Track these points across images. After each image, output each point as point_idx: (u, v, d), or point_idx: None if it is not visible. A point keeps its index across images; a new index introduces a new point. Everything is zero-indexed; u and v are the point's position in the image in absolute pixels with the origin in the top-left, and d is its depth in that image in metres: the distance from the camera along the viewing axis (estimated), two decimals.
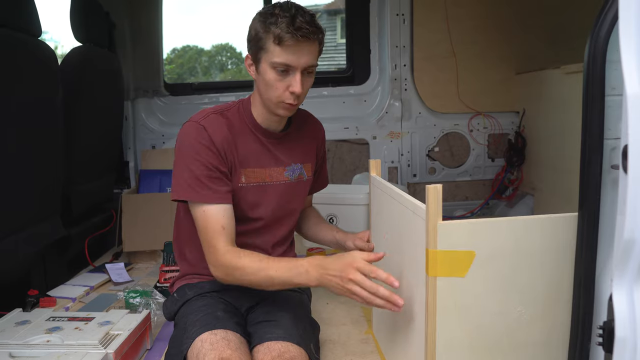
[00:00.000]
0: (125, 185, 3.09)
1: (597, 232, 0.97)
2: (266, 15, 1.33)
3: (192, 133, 1.37)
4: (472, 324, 1.07)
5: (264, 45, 1.33)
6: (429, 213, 1.02)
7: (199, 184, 1.34)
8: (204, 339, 1.26)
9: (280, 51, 1.31)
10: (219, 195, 1.35)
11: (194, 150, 1.35)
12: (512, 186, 3.22)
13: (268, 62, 1.34)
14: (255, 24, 1.36)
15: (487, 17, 3.09)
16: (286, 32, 1.29)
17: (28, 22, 1.87)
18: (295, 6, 1.33)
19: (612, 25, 0.91)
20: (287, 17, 1.29)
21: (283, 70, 1.33)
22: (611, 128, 0.94)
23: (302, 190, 1.58)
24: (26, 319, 1.58)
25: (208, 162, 1.35)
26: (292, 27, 1.29)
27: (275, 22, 1.30)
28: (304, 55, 1.33)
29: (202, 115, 1.42)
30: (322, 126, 1.66)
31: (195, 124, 1.38)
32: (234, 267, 1.30)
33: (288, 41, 1.30)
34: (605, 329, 0.88)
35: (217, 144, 1.36)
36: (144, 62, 3.11)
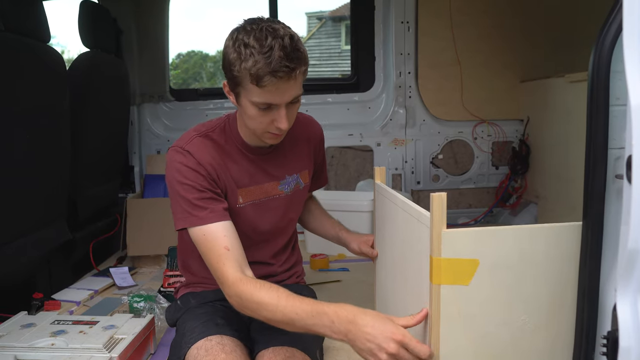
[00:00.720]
0: (130, 190, 3.10)
1: (601, 241, 0.97)
2: (240, 44, 1.18)
3: (177, 159, 1.31)
4: (476, 332, 1.07)
5: (240, 82, 1.21)
6: (433, 221, 1.02)
7: (193, 207, 1.27)
8: (200, 346, 1.27)
9: (260, 92, 1.19)
10: (216, 213, 1.27)
11: (182, 175, 1.29)
12: (516, 194, 3.22)
13: (247, 99, 1.23)
14: (228, 51, 1.21)
15: (491, 25, 3.10)
16: (264, 74, 1.16)
17: (37, 28, 1.89)
18: (272, 33, 1.17)
19: (617, 35, 0.91)
20: (264, 54, 1.15)
21: (265, 107, 1.23)
22: (615, 138, 0.94)
23: (300, 198, 1.55)
24: (31, 322, 1.58)
25: (199, 184, 1.28)
26: (270, 66, 1.15)
27: (251, 57, 1.16)
28: (287, 92, 1.21)
29: (186, 140, 1.34)
30: (317, 125, 1.58)
31: (180, 150, 1.32)
32: (249, 301, 1.19)
33: (267, 83, 1.17)
34: (609, 338, 0.88)
35: (205, 166, 1.30)
36: (150, 67, 3.13)
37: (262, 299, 1.16)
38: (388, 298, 1.48)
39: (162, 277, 2.22)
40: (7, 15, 1.72)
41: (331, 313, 1.09)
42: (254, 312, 1.19)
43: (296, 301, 1.14)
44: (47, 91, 1.98)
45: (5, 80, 1.72)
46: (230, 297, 1.23)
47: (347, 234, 1.64)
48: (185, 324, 1.39)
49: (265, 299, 1.16)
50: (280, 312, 1.14)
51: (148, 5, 3.06)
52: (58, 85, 2.03)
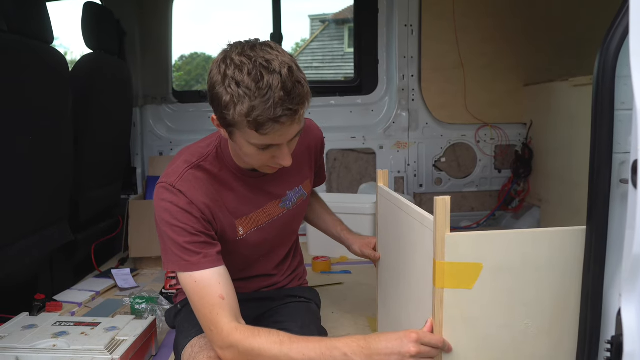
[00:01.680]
0: (132, 192, 3.10)
1: (605, 246, 0.96)
2: (230, 83, 1.03)
3: (167, 198, 1.19)
4: (479, 336, 1.06)
5: (234, 124, 1.07)
6: (436, 224, 1.02)
7: (185, 252, 1.16)
8: (194, 343, 1.28)
9: (259, 137, 1.07)
10: (209, 259, 1.16)
11: (172, 216, 1.17)
12: (518, 198, 3.21)
13: (244, 139, 1.11)
14: (218, 89, 1.06)
15: (495, 28, 3.10)
16: (265, 121, 1.03)
17: (41, 29, 1.89)
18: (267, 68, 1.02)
19: (622, 40, 0.91)
20: (263, 97, 1.01)
21: (265, 148, 1.12)
22: (620, 142, 0.94)
23: (303, 209, 1.50)
24: (33, 323, 1.58)
25: (191, 227, 1.17)
26: (271, 112, 1.02)
27: (246, 100, 1.02)
28: (290, 132, 1.10)
29: (176, 175, 1.21)
30: (317, 130, 1.51)
31: (170, 189, 1.19)
32: (248, 349, 1.09)
33: (269, 130, 1.05)
34: (613, 343, 0.87)
35: (199, 206, 1.19)
36: (153, 69, 3.14)
37: (263, 346, 1.08)
38: (390, 301, 1.47)
39: (163, 278, 2.22)
40: (10, 17, 1.73)
41: (342, 346, 1.05)
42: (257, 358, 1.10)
43: (301, 342, 1.08)
44: (50, 93, 1.98)
45: (9, 81, 1.72)
46: (223, 349, 1.13)
47: (349, 235, 1.63)
48: (184, 324, 1.40)
49: (266, 345, 1.08)
50: (286, 355, 1.06)
51: (151, 7, 3.06)
52: (61, 87, 2.04)
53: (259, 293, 1.50)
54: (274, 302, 1.46)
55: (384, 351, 1.02)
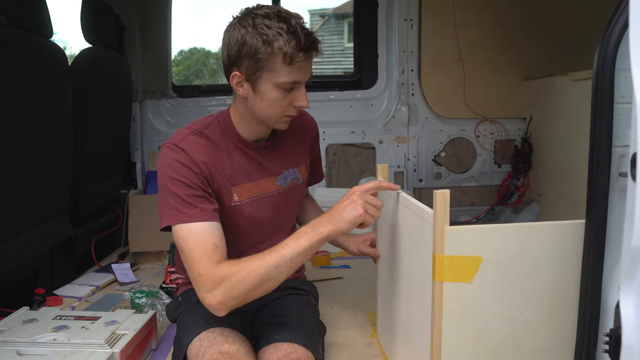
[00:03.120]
0: (132, 186, 3.10)
1: (604, 239, 0.97)
2: (261, 29, 1.20)
3: (170, 155, 1.28)
4: (478, 329, 1.07)
5: (266, 65, 1.22)
6: (436, 218, 1.02)
7: (183, 205, 1.23)
8: (202, 337, 1.28)
9: (289, 70, 1.23)
10: (206, 213, 1.23)
11: (173, 170, 1.26)
12: (518, 192, 3.21)
13: (272, 82, 1.24)
14: (246, 39, 1.22)
15: (494, 23, 3.09)
16: (299, 50, 1.20)
17: (40, 23, 1.89)
18: (287, 13, 1.23)
19: (622, 33, 0.91)
20: (293, 33, 1.20)
21: (289, 88, 1.26)
22: (620, 136, 0.94)
23: (298, 194, 1.54)
24: (33, 317, 1.59)
25: (190, 181, 1.25)
26: (302, 42, 1.20)
27: (280, 38, 1.19)
28: (309, 69, 1.28)
29: (179, 137, 1.31)
30: (312, 119, 1.59)
31: (173, 147, 1.29)
32: (232, 273, 1.16)
33: (300, 59, 1.21)
34: (612, 336, 0.88)
35: (198, 164, 1.28)
36: (153, 64, 3.13)
37: (242, 265, 1.17)
38: (390, 295, 1.48)
39: (163, 273, 2.22)
40: (10, 11, 1.72)
41: (305, 227, 1.21)
42: (240, 287, 1.16)
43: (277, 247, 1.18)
44: (50, 87, 1.98)
45: (8, 75, 1.72)
46: (211, 291, 1.17)
47: (343, 237, 1.63)
48: (188, 317, 1.40)
49: (248, 261, 1.17)
50: (269, 260, 1.16)
51: (151, 2, 3.05)
52: (60, 81, 2.03)
53: None
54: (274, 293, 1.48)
55: (336, 211, 1.20)
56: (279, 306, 1.46)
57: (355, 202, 1.20)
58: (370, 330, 1.72)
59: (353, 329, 1.73)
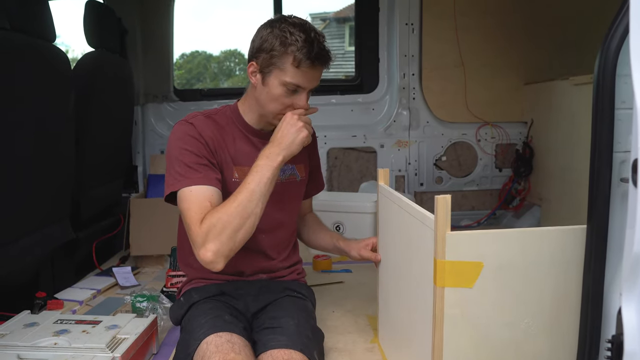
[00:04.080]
0: (133, 190, 3.11)
1: (606, 245, 0.97)
2: (283, 32, 1.35)
3: (180, 129, 1.41)
4: (479, 334, 1.07)
5: (277, 62, 1.37)
6: (437, 223, 1.02)
7: (188, 171, 1.34)
8: (209, 341, 1.28)
9: (295, 73, 1.36)
10: (209, 178, 1.35)
11: (182, 141, 1.39)
12: (519, 196, 3.21)
13: (279, 79, 1.38)
14: (269, 37, 1.38)
15: (495, 27, 3.10)
16: (307, 58, 1.34)
17: (43, 27, 1.89)
18: (312, 28, 1.37)
19: (623, 39, 0.91)
20: (308, 43, 1.34)
21: (292, 89, 1.38)
22: (621, 141, 0.94)
23: (297, 191, 1.58)
24: (34, 321, 1.59)
25: (197, 150, 1.37)
26: (312, 53, 1.34)
27: (295, 44, 1.34)
28: (315, 79, 1.40)
29: (190, 116, 1.46)
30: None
31: (184, 122, 1.43)
32: (215, 221, 1.25)
33: (306, 66, 1.35)
34: (613, 342, 0.88)
35: (205, 137, 1.40)
36: (154, 67, 3.14)
37: (222, 208, 1.28)
38: (391, 300, 1.48)
39: (164, 277, 2.21)
40: (13, 15, 1.73)
41: (259, 159, 1.34)
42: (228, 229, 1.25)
43: (242, 184, 1.31)
44: (52, 91, 1.98)
45: (11, 79, 1.72)
46: (204, 246, 1.25)
47: (344, 243, 1.64)
48: (193, 320, 1.40)
49: (224, 206, 1.28)
50: (241, 198, 1.28)
51: (153, 5, 3.07)
52: (63, 85, 2.04)
53: (259, 282, 1.54)
54: (273, 294, 1.49)
55: (283, 134, 1.36)
56: (277, 308, 1.47)
57: (296, 125, 1.36)
58: (371, 335, 1.72)
59: (354, 334, 1.73)
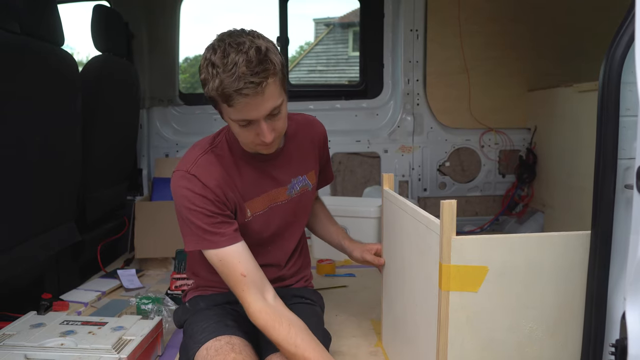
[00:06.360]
0: (138, 193, 3.12)
1: (610, 250, 0.97)
2: (207, 64, 1.17)
3: (183, 184, 1.30)
4: (484, 338, 1.07)
5: (214, 102, 1.22)
6: (443, 228, 1.03)
7: (205, 233, 1.29)
8: (209, 346, 1.29)
9: (233, 110, 1.19)
10: (228, 237, 1.29)
11: (189, 201, 1.29)
12: (522, 202, 3.22)
13: (227, 116, 1.24)
14: (201, 72, 1.20)
15: (500, 34, 3.11)
16: (230, 93, 1.14)
17: (52, 31, 1.91)
18: (236, 48, 1.14)
19: (628, 47, 0.92)
20: (228, 72, 1.13)
21: (245, 124, 1.22)
22: (625, 148, 0.95)
23: (308, 200, 1.55)
24: (41, 321, 1.60)
25: (208, 210, 1.28)
26: (235, 84, 1.13)
27: (217, 77, 1.14)
28: (261, 106, 1.18)
29: (190, 161, 1.32)
30: (320, 125, 1.59)
31: (185, 175, 1.30)
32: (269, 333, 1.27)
33: (235, 102, 1.16)
34: (617, 346, 0.88)
35: (213, 189, 1.29)
36: (160, 71, 3.16)
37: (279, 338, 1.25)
38: (395, 304, 1.48)
39: (169, 279, 2.23)
40: (22, 18, 1.75)
41: None
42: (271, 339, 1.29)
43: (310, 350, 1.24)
44: (60, 94, 2.00)
45: (20, 82, 1.74)
46: (252, 320, 1.30)
47: (349, 242, 1.65)
48: (195, 325, 1.41)
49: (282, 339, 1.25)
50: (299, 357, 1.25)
51: (159, 10, 3.09)
52: (71, 88, 2.06)
53: None
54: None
55: None
56: None
57: None
58: (375, 339, 1.72)
59: (358, 338, 1.73)
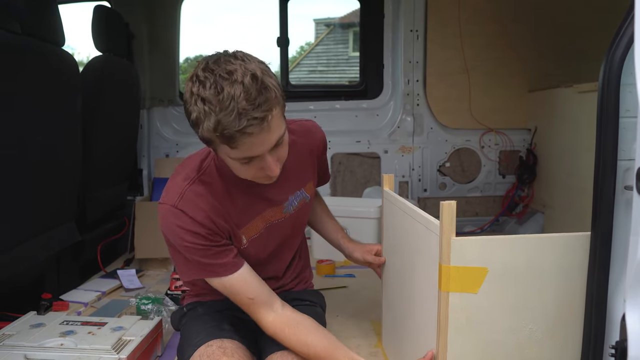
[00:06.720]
0: (138, 193, 3.12)
1: (610, 251, 0.98)
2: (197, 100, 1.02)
3: (170, 220, 1.19)
4: (484, 340, 1.07)
5: (207, 140, 1.07)
6: (443, 229, 1.03)
7: (202, 265, 1.22)
8: (201, 353, 1.28)
9: (236, 151, 1.06)
10: (227, 267, 1.23)
11: (180, 238, 1.19)
12: (522, 203, 3.22)
13: (226, 156, 1.10)
14: (188, 107, 1.05)
15: (500, 34, 3.11)
16: (231, 134, 1.00)
17: (53, 32, 1.92)
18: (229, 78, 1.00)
19: (628, 48, 0.92)
20: (225, 109, 0.99)
21: (247, 161, 1.10)
22: (625, 149, 0.95)
23: (306, 211, 1.49)
24: (40, 322, 1.60)
25: (200, 245, 1.20)
26: (236, 123, 0.99)
27: (212, 115, 1.00)
28: (267, 140, 1.06)
29: (177, 193, 1.20)
30: (318, 132, 1.49)
31: (172, 210, 1.19)
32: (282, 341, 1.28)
33: (239, 142, 1.02)
34: (617, 348, 0.88)
35: (203, 223, 1.19)
36: (160, 71, 3.16)
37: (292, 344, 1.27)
38: (395, 305, 1.48)
39: (169, 280, 2.23)
40: (23, 19, 1.75)
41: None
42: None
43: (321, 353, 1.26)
44: (61, 94, 2.00)
45: (20, 82, 1.74)
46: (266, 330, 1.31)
47: (349, 242, 1.63)
48: (191, 328, 1.41)
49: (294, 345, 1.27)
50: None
51: (160, 10, 3.09)
52: (71, 89, 2.06)
53: None
54: None
55: None
56: None
57: None
58: (374, 340, 1.72)
59: (358, 338, 1.73)
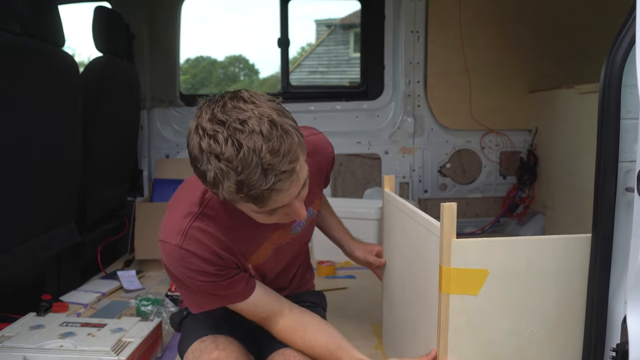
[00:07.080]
0: (138, 194, 3.12)
1: (611, 253, 0.97)
2: (210, 157, 0.92)
3: (174, 258, 1.13)
4: (484, 342, 1.07)
5: (229, 200, 0.99)
6: (443, 230, 1.03)
7: (213, 298, 1.21)
8: (194, 349, 1.29)
9: (263, 209, 1.00)
10: (240, 295, 1.22)
11: (187, 277, 1.15)
12: (523, 204, 3.21)
13: (248, 209, 1.03)
14: (198, 164, 0.95)
15: (501, 35, 3.10)
16: (260, 192, 0.93)
17: (53, 32, 1.91)
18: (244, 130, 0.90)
19: (629, 49, 0.92)
20: (250, 169, 0.90)
21: (273, 212, 1.03)
22: (626, 151, 0.95)
23: (312, 226, 1.48)
24: (40, 323, 1.60)
25: (209, 281, 1.16)
26: (263, 182, 0.91)
27: (232, 175, 0.91)
28: (294, 188, 0.99)
29: (179, 231, 1.12)
30: (327, 145, 1.43)
31: (176, 250, 1.12)
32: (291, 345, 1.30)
33: (270, 200, 0.96)
34: (618, 350, 0.88)
35: (211, 260, 1.15)
36: (161, 72, 3.16)
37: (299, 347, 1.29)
38: (395, 306, 1.48)
39: (169, 281, 2.22)
40: (24, 20, 1.75)
41: None
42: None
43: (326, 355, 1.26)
44: (61, 95, 2.00)
45: (21, 83, 1.74)
46: None
47: (351, 241, 1.63)
48: (190, 327, 1.41)
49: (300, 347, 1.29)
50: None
51: (160, 11, 3.09)
52: (71, 89, 2.06)
53: None
54: None
55: None
56: None
57: None
58: (375, 342, 1.72)
59: (358, 340, 1.73)
